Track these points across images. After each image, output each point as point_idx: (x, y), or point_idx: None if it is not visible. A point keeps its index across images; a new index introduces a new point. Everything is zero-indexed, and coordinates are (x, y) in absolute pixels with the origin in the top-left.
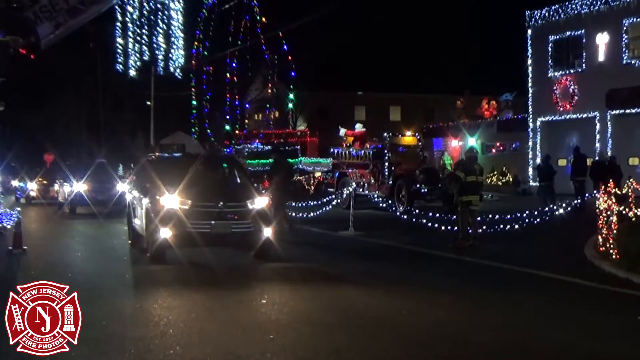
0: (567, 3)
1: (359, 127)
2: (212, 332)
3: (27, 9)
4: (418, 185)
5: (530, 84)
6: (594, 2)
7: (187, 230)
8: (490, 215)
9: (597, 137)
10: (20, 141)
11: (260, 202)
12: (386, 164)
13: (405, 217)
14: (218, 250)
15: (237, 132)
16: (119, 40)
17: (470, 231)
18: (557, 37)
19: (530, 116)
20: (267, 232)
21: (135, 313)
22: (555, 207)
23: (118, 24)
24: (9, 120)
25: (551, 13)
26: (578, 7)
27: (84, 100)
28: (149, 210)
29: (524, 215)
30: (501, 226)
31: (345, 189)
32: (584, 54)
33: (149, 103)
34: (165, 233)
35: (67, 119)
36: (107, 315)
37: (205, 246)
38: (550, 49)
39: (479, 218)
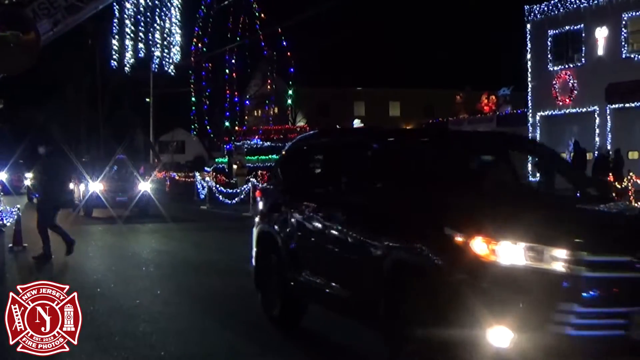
0: None
1: (357, 123)
2: None
3: (26, 5)
4: None
5: (529, 79)
6: None
7: (563, 333)
8: None
9: (597, 131)
10: (20, 138)
11: None
12: None
13: None
14: None
15: (236, 128)
16: (117, 37)
17: None
18: (557, 31)
19: (530, 111)
20: None
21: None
22: None
23: (116, 20)
24: (8, 117)
25: (550, 7)
26: (577, 2)
27: (82, 98)
28: (425, 271)
29: None
30: None
31: None
32: (584, 48)
33: (148, 100)
34: (501, 339)
35: (66, 117)
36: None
37: None
38: (549, 44)
39: None
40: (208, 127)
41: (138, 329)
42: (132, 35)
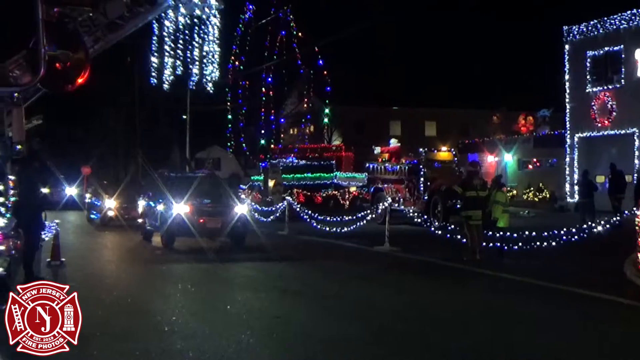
0: (605, 18)
1: (393, 142)
2: None
3: (69, 23)
4: (454, 201)
5: (567, 100)
6: (633, 18)
7: None
8: (526, 232)
9: (636, 153)
10: (57, 154)
11: None
12: (422, 179)
13: (440, 232)
14: None
15: (272, 146)
16: (155, 54)
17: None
18: (595, 52)
19: (568, 132)
20: None
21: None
22: (593, 225)
23: (154, 38)
24: (46, 134)
25: (589, 28)
26: (617, 23)
27: (120, 114)
28: None
29: (562, 232)
30: (537, 243)
31: (380, 204)
32: (623, 69)
33: (184, 117)
34: None
35: (104, 133)
36: None
37: None
38: (588, 65)
39: (508, 233)
40: (244, 144)
41: (175, 346)
42: (172, 52)
